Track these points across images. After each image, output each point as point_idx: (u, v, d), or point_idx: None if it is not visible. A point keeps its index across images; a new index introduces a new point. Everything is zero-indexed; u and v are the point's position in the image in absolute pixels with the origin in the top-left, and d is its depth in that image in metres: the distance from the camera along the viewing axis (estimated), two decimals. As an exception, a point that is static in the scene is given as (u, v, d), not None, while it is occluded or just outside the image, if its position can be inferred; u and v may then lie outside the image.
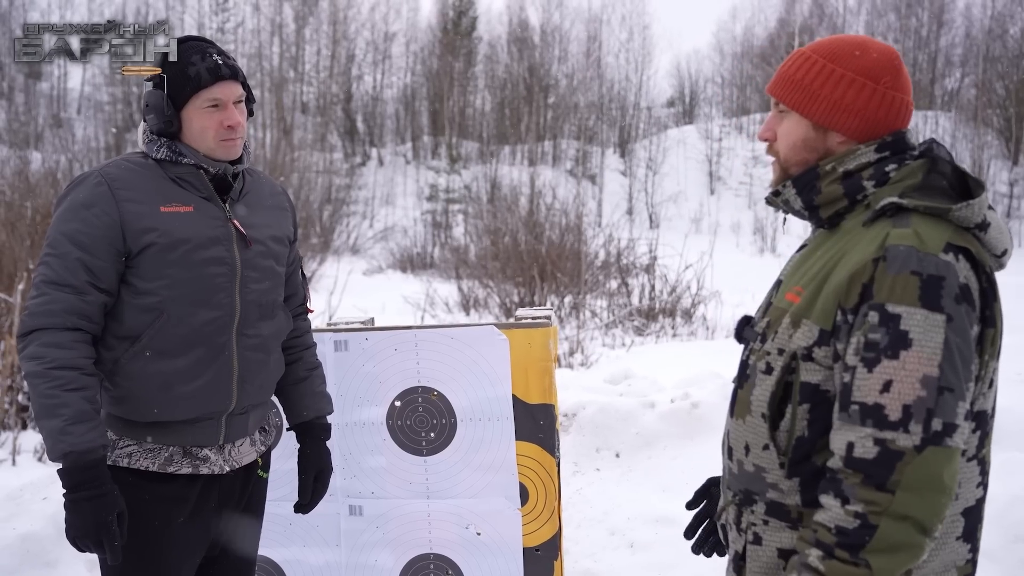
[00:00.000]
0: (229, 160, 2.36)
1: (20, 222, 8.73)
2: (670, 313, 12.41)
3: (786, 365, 1.67)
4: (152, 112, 2.29)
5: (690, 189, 43.39)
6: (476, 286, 13.69)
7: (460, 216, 33.94)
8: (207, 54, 2.30)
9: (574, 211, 14.63)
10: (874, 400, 1.52)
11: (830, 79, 1.72)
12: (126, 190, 2.24)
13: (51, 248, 2.20)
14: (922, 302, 1.51)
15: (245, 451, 2.45)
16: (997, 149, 42.21)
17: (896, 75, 1.72)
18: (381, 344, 3.04)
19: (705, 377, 5.82)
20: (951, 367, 1.50)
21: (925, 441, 1.48)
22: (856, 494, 1.51)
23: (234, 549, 2.53)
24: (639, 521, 4.46)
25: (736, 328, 1.89)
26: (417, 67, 48.81)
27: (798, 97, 1.75)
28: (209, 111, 2.29)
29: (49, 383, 2.09)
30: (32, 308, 2.17)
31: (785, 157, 1.80)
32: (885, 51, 1.73)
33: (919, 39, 46.44)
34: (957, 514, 1.63)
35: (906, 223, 1.58)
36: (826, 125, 1.73)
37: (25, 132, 38.70)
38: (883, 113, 1.71)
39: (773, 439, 1.70)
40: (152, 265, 2.23)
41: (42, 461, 5.85)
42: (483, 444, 3.01)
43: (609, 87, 48.59)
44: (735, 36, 51.66)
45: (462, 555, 3.08)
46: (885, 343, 1.52)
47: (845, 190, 1.71)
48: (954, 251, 1.55)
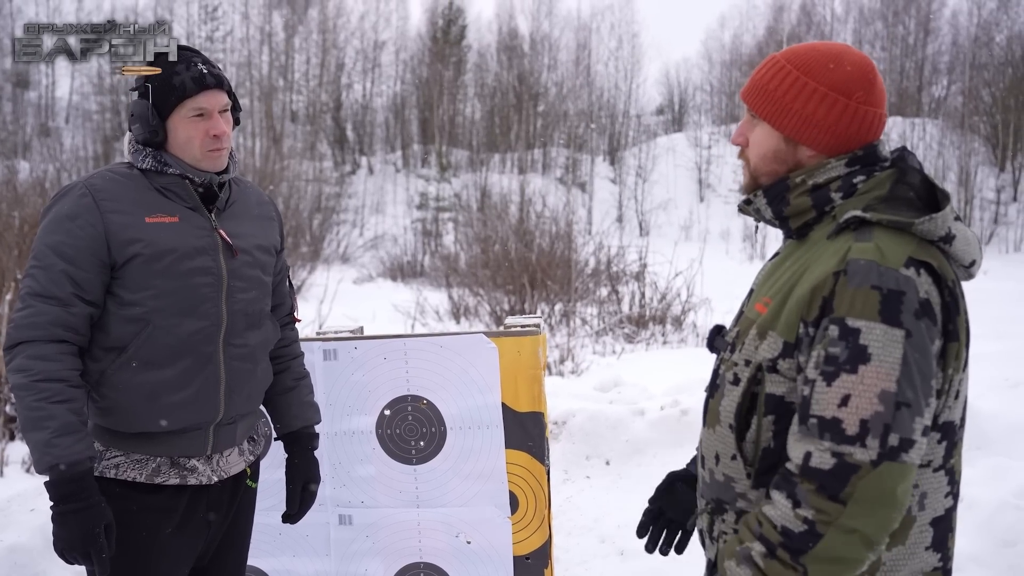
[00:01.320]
0: (215, 171, 2.35)
1: (8, 232, 8.71)
2: (660, 320, 12.42)
3: (752, 376, 1.68)
4: (137, 122, 2.28)
5: (680, 197, 43.46)
6: (466, 294, 13.69)
7: (450, 224, 33.94)
8: (192, 63, 2.29)
9: (564, 219, 14.66)
10: (832, 414, 1.52)
11: (802, 93, 1.71)
12: (111, 201, 2.23)
13: (36, 260, 2.20)
14: (882, 317, 1.50)
15: (233, 461, 2.44)
16: (984, 156, 42.41)
17: (869, 88, 1.71)
18: (370, 353, 3.03)
19: (695, 384, 5.82)
20: (909, 383, 1.50)
21: (881, 456, 1.48)
22: (808, 500, 1.51)
23: (223, 559, 2.51)
24: (629, 528, 4.40)
25: (708, 337, 1.90)
26: (407, 75, 48.86)
27: (770, 109, 1.75)
28: (194, 120, 2.29)
29: (35, 395, 2.08)
30: (18, 321, 2.16)
31: (755, 166, 1.80)
32: (859, 63, 1.72)
33: (906, 47, 46.67)
34: (926, 524, 1.63)
35: (868, 237, 1.57)
36: (797, 139, 1.73)
37: (13, 141, 38.57)
38: (855, 128, 1.70)
39: (740, 449, 1.71)
40: (137, 276, 2.22)
41: (30, 472, 5.82)
42: (473, 452, 3.01)
43: (599, 95, 48.71)
44: (723, 44, 51.84)
45: (452, 564, 3.07)
46: (844, 357, 1.52)
47: (813, 202, 1.71)
48: (916, 265, 1.55)
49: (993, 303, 14.40)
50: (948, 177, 40.51)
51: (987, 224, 39.55)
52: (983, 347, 8.14)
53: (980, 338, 8.98)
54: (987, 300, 14.80)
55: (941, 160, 41.54)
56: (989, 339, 9.66)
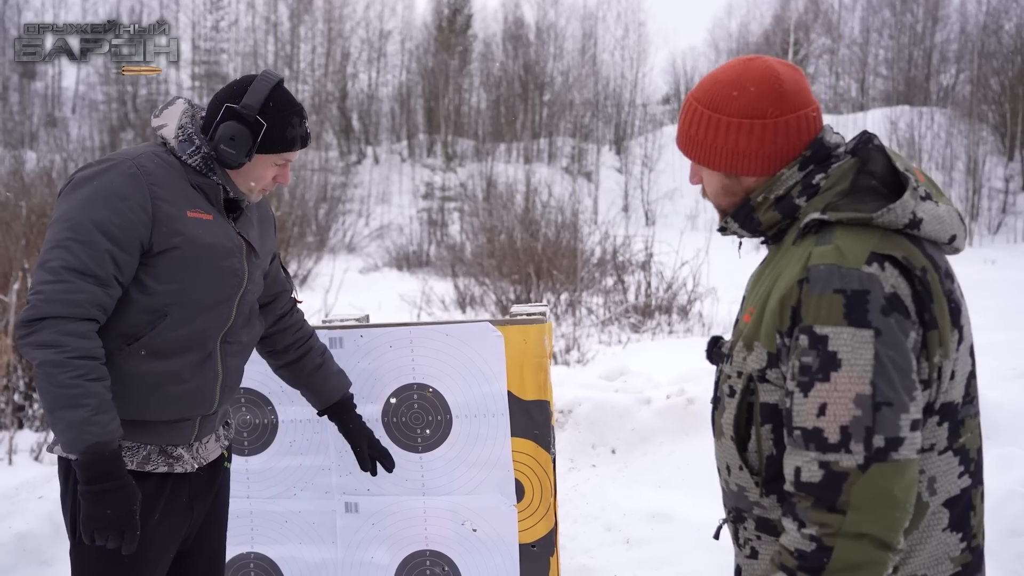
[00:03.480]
0: (250, 202, 2.43)
1: (15, 222, 8.73)
2: (666, 310, 12.43)
3: (744, 387, 1.69)
4: (235, 148, 2.26)
5: (686, 186, 43.21)
6: (472, 284, 13.71)
7: (456, 214, 33.92)
8: (303, 120, 2.36)
9: (570, 208, 14.66)
10: (812, 424, 1.52)
11: (719, 130, 1.71)
12: (159, 187, 2.20)
13: (73, 233, 2.11)
14: (848, 320, 1.50)
15: (211, 448, 2.47)
16: (992, 145, 42.22)
17: (781, 99, 1.69)
18: (376, 341, 3.03)
19: (701, 373, 5.82)
20: (886, 381, 1.49)
21: (868, 459, 1.48)
22: (809, 517, 1.52)
23: (202, 540, 2.54)
24: (635, 517, 4.47)
25: (706, 349, 1.90)
26: (412, 65, 48.76)
27: (700, 153, 1.76)
28: (274, 166, 2.36)
29: (70, 373, 2.04)
30: (49, 294, 2.07)
31: (716, 202, 1.83)
32: (762, 79, 1.70)
33: (914, 35, 46.46)
34: (939, 506, 1.62)
35: (828, 239, 1.57)
36: (734, 172, 1.74)
37: (20, 132, 38.65)
38: (783, 142, 1.69)
39: (744, 460, 1.71)
40: (169, 267, 2.21)
41: (38, 460, 5.85)
42: (479, 441, 3.01)
43: (605, 84, 48.56)
44: (730, 33, 51.66)
45: (458, 551, 3.08)
46: (816, 366, 1.52)
47: (781, 214, 1.70)
48: (879, 260, 1.54)
49: (1000, 293, 14.38)
50: (956, 166, 40.41)
51: (995, 213, 39.41)
52: (990, 337, 8.13)
53: (986, 328, 8.97)
54: (994, 290, 14.78)
55: (949, 149, 41.41)
56: (996, 329, 9.65)
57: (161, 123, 2.32)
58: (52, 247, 2.12)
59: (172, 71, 39.31)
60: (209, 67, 45.55)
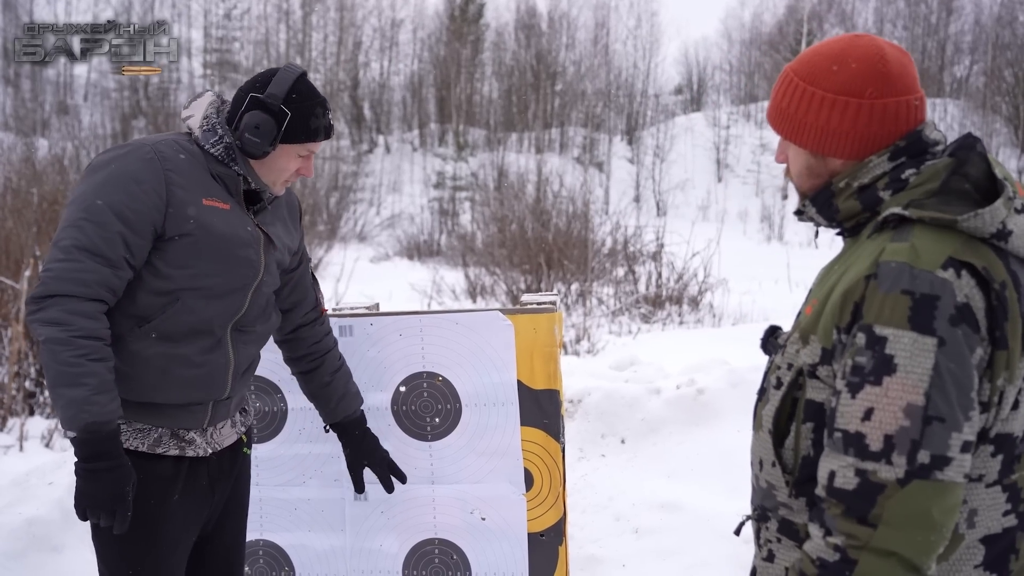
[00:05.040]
0: (275, 195, 2.44)
1: (26, 209, 8.76)
2: (677, 301, 12.42)
3: (793, 381, 1.61)
4: (259, 137, 2.28)
5: (697, 177, 43.26)
6: (483, 273, 13.70)
7: (467, 203, 33.92)
8: (327, 111, 2.37)
9: (581, 198, 14.64)
10: (856, 428, 1.44)
11: (812, 104, 1.63)
12: (176, 173, 2.22)
13: (87, 214, 2.14)
14: (912, 324, 1.41)
15: (226, 433, 2.48)
16: (1006, 137, 41.99)
17: (884, 80, 1.59)
18: (386, 329, 3.03)
19: (711, 363, 5.80)
20: (942, 395, 1.40)
21: (910, 474, 1.39)
22: (837, 526, 1.44)
23: (223, 526, 2.56)
24: (644, 507, 4.46)
25: (762, 338, 1.80)
26: (424, 54, 48.71)
27: (788, 128, 1.68)
28: (297, 158, 2.37)
29: (74, 351, 2.06)
30: (59, 272, 2.10)
31: (797, 183, 1.73)
32: (866, 57, 1.61)
33: (928, 26, 46.19)
34: (975, 542, 1.52)
35: (905, 237, 1.48)
36: (821, 152, 1.65)
37: (32, 119, 38.73)
38: (876, 126, 1.60)
39: (779, 456, 1.64)
40: (182, 253, 2.22)
41: (49, 447, 5.88)
42: (488, 429, 3.00)
43: (617, 74, 48.42)
44: (743, 23, 51.43)
45: (467, 540, 3.08)
46: (869, 367, 1.43)
47: (862, 204, 1.61)
48: (955, 266, 1.44)
49: None
50: (969, 158, 40.15)
51: (1008, 206, 39.21)
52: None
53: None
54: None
55: (962, 141, 41.14)
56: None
57: (189, 114, 2.36)
58: (66, 227, 2.15)
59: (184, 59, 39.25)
60: (221, 55, 45.60)
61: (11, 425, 6.34)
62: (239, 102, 2.33)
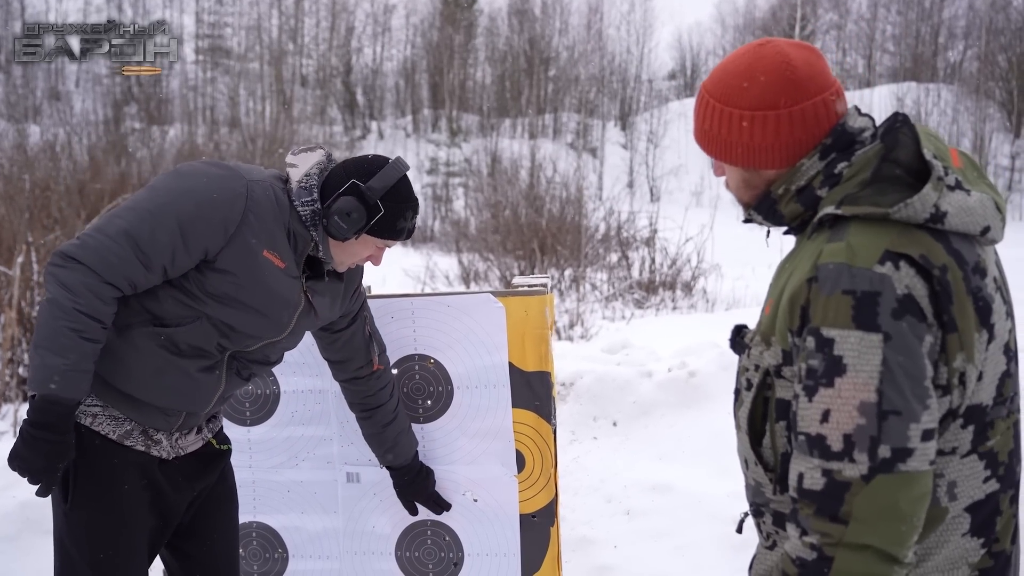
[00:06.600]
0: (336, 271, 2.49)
1: (19, 195, 8.74)
2: (670, 286, 12.45)
3: (761, 382, 1.63)
4: (347, 224, 2.30)
5: (691, 162, 43.21)
6: (476, 259, 13.71)
7: (460, 189, 33.94)
8: (415, 215, 2.43)
9: (575, 184, 14.64)
10: (816, 431, 1.46)
11: (732, 124, 1.64)
12: (255, 217, 2.23)
13: (154, 211, 2.16)
14: (856, 323, 1.43)
15: (191, 440, 2.48)
16: (999, 122, 42.06)
17: (794, 87, 1.60)
18: (378, 312, 3.04)
19: (703, 347, 5.83)
20: (894, 389, 1.42)
21: (873, 470, 1.42)
22: (810, 525, 1.47)
23: (211, 518, 2.59)
24: (636, 489, 4.49)
25: (730, 337, 1.82)
26: (417, 40, 48.58)
27: (716, 148, 1.69)
28: (374, 248, 2.42)
29: (70, 323, 2.07)
30: (97, 244, 2.11)
31: (738, 196, 1.76)
32: (773, 68, 1.61)
33: (922, 11, 46.16)
34: (960, 511, 1.55)
35: (841, 235, 1.49)
36: (752, 167, 1.67)
37: (23, 105, 38.53)
38: (799, 132, 1.61)
39: (758, 455, 1.66)
40: (222, 286, 2.23)
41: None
42: (480, 411, 3.02)
43: (610, 60, 48.39)
44: (737, 8, 51.39)
45: (459, 522, 3.10)
46: (821, 370, 1.45)
47: (803, 205, 1.62)
48: (893, 259, 1.45)
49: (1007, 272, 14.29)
50: (962, 144, 40.20)
51: (1001, 191, 39.10)
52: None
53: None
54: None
55: (956, 126, 41.22)
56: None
57: (293, 163, 2.38)
58: (130, 208, 2.17)
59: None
60: (213, 41, 45.44)
61: (5, 411, 6.35)
62: (339, 181, 2.34)
